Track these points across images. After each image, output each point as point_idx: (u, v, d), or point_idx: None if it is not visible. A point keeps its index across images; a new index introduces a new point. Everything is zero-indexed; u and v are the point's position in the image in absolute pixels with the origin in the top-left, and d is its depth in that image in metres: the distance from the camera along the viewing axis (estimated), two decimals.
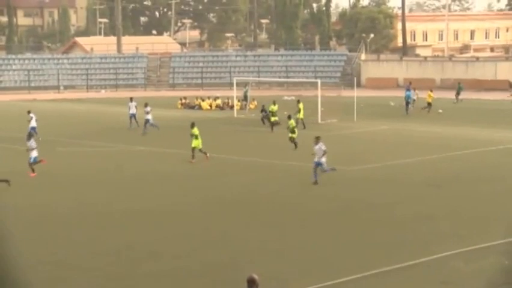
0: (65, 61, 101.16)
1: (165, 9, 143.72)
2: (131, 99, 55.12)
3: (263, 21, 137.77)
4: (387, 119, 58.84)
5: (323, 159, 32.41)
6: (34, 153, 34.82)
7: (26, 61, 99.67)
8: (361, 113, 58.15)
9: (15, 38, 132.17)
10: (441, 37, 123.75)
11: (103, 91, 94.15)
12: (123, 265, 21.98)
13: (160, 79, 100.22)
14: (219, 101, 71.12)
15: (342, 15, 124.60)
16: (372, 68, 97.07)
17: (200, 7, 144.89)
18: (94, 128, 54.94)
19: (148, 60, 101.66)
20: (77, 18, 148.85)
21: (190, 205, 29.46)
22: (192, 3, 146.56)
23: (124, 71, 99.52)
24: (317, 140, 32.64)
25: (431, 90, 65.66)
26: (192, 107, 70.51)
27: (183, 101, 72.59)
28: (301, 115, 51.74)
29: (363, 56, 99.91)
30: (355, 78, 70.17)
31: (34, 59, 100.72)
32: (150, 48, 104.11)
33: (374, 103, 70.08)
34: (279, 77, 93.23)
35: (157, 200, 30.28)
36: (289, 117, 44.17)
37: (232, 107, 66.00)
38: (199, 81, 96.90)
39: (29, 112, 48.97)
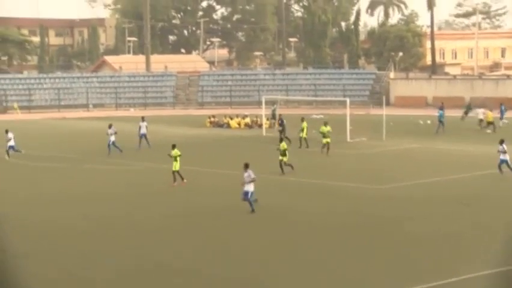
0: (94, 80, 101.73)
1: (194, 28, 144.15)
2: (142, 118, 54.65)
3: (291, 39, 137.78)
4: (416, 137, 58.47)
5: (251, 188, 30.67)
6: None
7: (57, 80, 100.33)
8: (390, 131, 57.86)
9: (47, 58, 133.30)
10: (471, 55, 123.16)
11: (131, 109, 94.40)
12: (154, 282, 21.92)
13: (189, 97, 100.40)
14: (247, 120, 71.06)
15: (371, 33, 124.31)
16: (401, 86, 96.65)
17: (229, 26, 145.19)
18: (122, 146, 55.04)
19: (176, 79, 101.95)
20: (106, 37, 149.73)
21: (216, 220, 29.36)
22: (220, 22, 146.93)
23: (152, 90, 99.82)
24: (246, 167, 30.98)
25: (490, 110, 64.86)
26: (220, 125, 70.48)
27: (212, 119, 72.61)
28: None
29: (392, 75, 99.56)
30: (384, 97, 69.87)
31: (64, 78, 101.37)
32: (179, 66, 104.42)
33: (403, 121, 69.74)
34: (308, 96, 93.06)
35: (186, 217, 30.22)
36: (281, 140, 42.96)
37: (260, 126, 65.91)
38: (228, 99, 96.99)
39: (6, 131, 48.56)
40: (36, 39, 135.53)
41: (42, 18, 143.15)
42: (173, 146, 38.16)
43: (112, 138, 49.89)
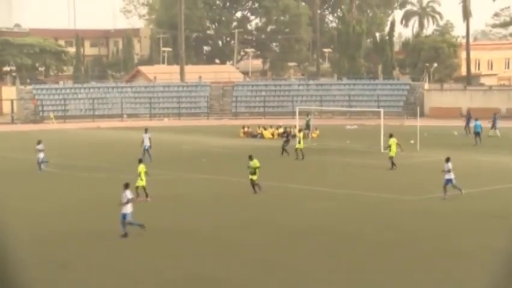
0: (129, 90, 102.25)
1: (228, 39, 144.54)
2: (146, 130, 52.47)
3: (326, 50, 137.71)
4: (451, 148, 57.93)
5: (129, 210, 28.69)
6: None
7: (91, 90, 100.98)
8: (424, 142, 57.55)
9: (82, 68, 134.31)
10: (507, 66, 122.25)
11: (165, 120, 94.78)
12: None
13: (223, 108, 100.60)
14: (281, 130, 70.98)
15: (406, 44, 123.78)
16: (436, 97, 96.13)
17: (263, 36, 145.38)
18: (155, 156, 55.25)
19: (210, 89, 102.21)
20: (141, 47, 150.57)
21: (251, 233, 29.33)
22: (254, 32, 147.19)
23: (187, 100, 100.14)
24: (125, 187, 29.05)
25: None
26: (254, 136, 70.51)
27: (245, 129, 72.68)
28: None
29: (426, 86, 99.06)
30: (418, 108, 69.50)
31: (99, 88, 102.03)
32: (213, 77, 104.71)
33: (438, 133, 69.37)
34: (342, 106, 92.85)
35: (221, 230, 30.21)
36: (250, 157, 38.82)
37: (294, 136, 65.82)
38: (262, 110, 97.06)
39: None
40: (72, 49, 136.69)
41: (78, 29, 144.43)
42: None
43: (41, 155, 47.35)
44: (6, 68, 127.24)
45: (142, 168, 35.79)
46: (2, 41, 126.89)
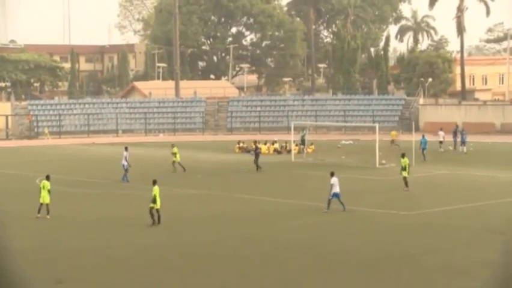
0: (124, 105, 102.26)
1: (223, 54, 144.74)
2: (126, 148, 51.14)
3: (321, 65, 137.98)
4: (446, 163, 58.08)
5: None
6: None
7: (86, 105, 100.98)
8: (419, 157, 57.53)
9: (77, 83, 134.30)
10: (501, 81, 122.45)
11: (161, 135, 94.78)
12: None
13: (218, 123, 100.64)
14: (276, 145, 70.98)
15: (400, 59, 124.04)
16: (431, 112, 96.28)
17: (258, 52, 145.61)
18: (151, 170, 55.18)
19: (206, 105, 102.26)
20: (136, 63, 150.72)
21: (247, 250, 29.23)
22: (249, 47, 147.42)
23: (182, 115, 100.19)
24: None
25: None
26: (249, 151, 70.31)
27: (241, 144, 72.61)
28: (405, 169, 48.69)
29: (421, 101, 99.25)
30: (413, 123, 69.56)
31: (94, 104, 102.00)
32: (208, 92, 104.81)
33: (433, 148, 69.25)
34: (337, 121, 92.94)
35: (215, 245, 30.10)
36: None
37: (289, 151, 65.83)
38: (257, 125, 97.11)
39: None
40: (67, 65, 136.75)
41: (73, 45, 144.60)
42: (48, 177, 35.83)
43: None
44: (1, 84, 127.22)
45: (46, 185, 35.38)
46: None
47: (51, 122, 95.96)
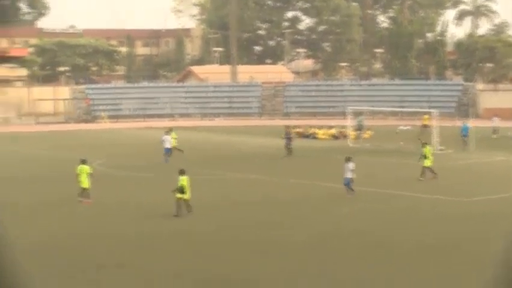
0: (180, 89, 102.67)
1: (279, 39, 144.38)
2: (168, 131, 52.32)
3: (377, 50, 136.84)
4: (504, 150, 57.15)
5: None
6: None
7: (143, 89, 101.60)
8: (477, 143, 56.75)
9: (134, 68, 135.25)
10: None
11: (217, 120, 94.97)
12: None
13: (274, 108, 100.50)
14: (333, 131, 70.66)
15: (458, 44, 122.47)
16: (490, 98, 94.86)
17: (314, 36, 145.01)
18: (208, 155, 55.30)
19: (262, 89, 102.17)
20: (192, 47, 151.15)
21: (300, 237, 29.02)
22: (306, 32, 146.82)
23: (238, 100, 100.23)
24: None
25: None
26: (306, 136, 70.21)
27: (297, 129, 72.43)
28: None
29: (480, 86, 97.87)
30: (470, 109, 68.64)
31: (150, 88, 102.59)
32: (264, 77, 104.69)
33: (491, 134, 68.39)
34: (394, 107, 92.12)
35: (271, 231, 29.96)
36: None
37: (346, 137, 65.48)
38: (313, 110, 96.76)
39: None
40: (123, 49, 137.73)
41: (129, 29, 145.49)
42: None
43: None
44: (61, 68, 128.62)
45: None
46: (57, 42, 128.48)
47: (108, 106, 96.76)
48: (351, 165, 36.07)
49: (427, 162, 41.62)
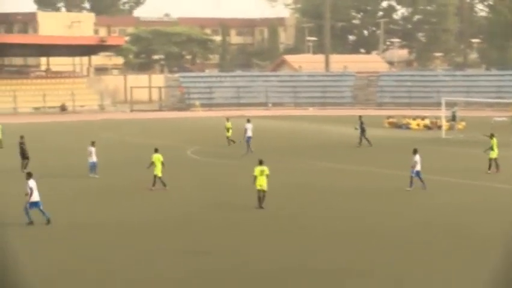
0: (274, 78, 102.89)
1: (374, 28, 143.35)
2: (248, 120, 51.78)
3: (474, 40, 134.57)
4: None
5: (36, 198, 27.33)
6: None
7: (237, 78, 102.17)
8: None
9: (228, 56, 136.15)
10: None
11: (310, 109, 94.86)
12: None
13: (368, 98, 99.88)
14: (426, 121, 69.85)
15: None
16: None
17: (409, 26, 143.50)
18: (304, 144, 55.32)
19: (355, 79, 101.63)
20: (286, 36, 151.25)
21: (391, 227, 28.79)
22: (401, 22, 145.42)
23: (331, 89, 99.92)
24: (29, 176, 27.74)
25: None
26: (399, 126, 69.61)
27: (390, 120, 71.83)
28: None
29: None
30: None
31: (244, 76, 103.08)
32: (358, 66, 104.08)
33: None
34: (490, 98, 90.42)
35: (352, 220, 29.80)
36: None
37: (440, 127, 64.58)
38: (407, 100, 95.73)
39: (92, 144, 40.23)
40: (218, 38, 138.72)
41: (224, 18, 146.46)
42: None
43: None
44: (155, 57, 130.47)
45: (156, 158, 35.17)
46: (152, 30, 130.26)
47: (201, 94, 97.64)
48: (417, 157, 35.43)
49: (493, 154, 40.96)
